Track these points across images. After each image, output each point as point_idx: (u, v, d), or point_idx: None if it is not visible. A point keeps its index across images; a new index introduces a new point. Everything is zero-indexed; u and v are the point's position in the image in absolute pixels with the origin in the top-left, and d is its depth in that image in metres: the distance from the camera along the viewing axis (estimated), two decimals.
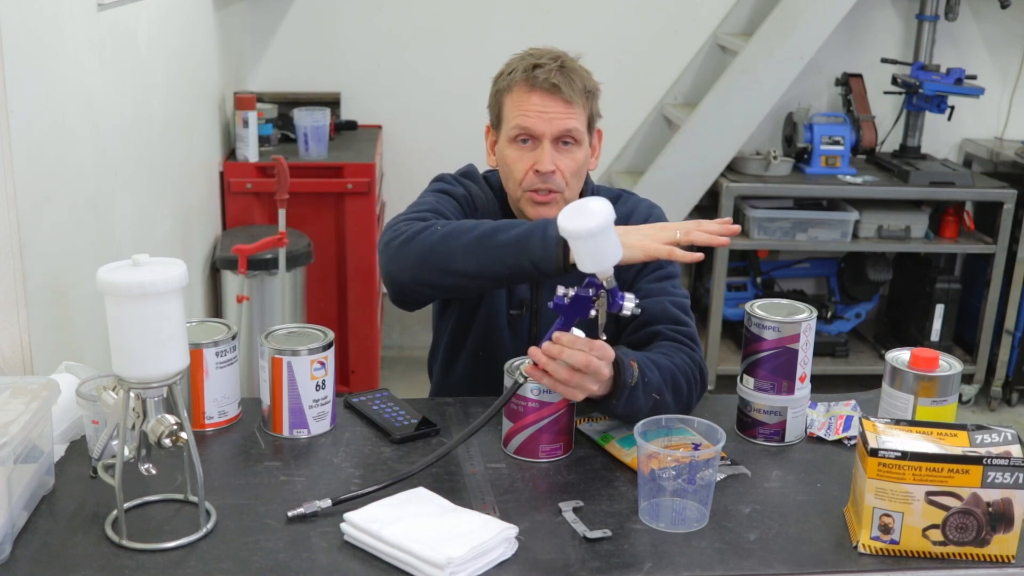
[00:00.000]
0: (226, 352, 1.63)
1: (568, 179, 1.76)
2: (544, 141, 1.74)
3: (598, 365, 1.47)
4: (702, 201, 3.90)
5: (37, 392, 1.38)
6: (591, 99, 1.79)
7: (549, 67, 1.73)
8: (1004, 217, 3.84)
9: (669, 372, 1.64)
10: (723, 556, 1.33)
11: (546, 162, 1.73)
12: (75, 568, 1.27)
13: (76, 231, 1.95)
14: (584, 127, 1.77)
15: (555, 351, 1.46)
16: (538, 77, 1.73)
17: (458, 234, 1.60)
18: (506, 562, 1.30)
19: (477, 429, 1.51)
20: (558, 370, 1.47)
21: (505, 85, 1.77)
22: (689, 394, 1.68)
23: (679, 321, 1.75)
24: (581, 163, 1.78)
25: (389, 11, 4.06)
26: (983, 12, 4.17)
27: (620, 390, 1.53)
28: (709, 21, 4.15)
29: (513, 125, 1.75)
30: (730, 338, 4.11)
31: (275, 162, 2.91)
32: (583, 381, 1.48)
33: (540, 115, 1.73)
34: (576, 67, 1.77)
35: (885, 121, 4.19)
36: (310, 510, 1.38)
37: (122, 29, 2.29)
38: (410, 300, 1.72)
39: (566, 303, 1.49)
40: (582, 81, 1.76)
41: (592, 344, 1.48)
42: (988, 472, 1.29)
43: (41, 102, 1.77)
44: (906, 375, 1.56)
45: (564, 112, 1.73)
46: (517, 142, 1.76)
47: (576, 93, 1.74)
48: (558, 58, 1.76)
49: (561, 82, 1.72)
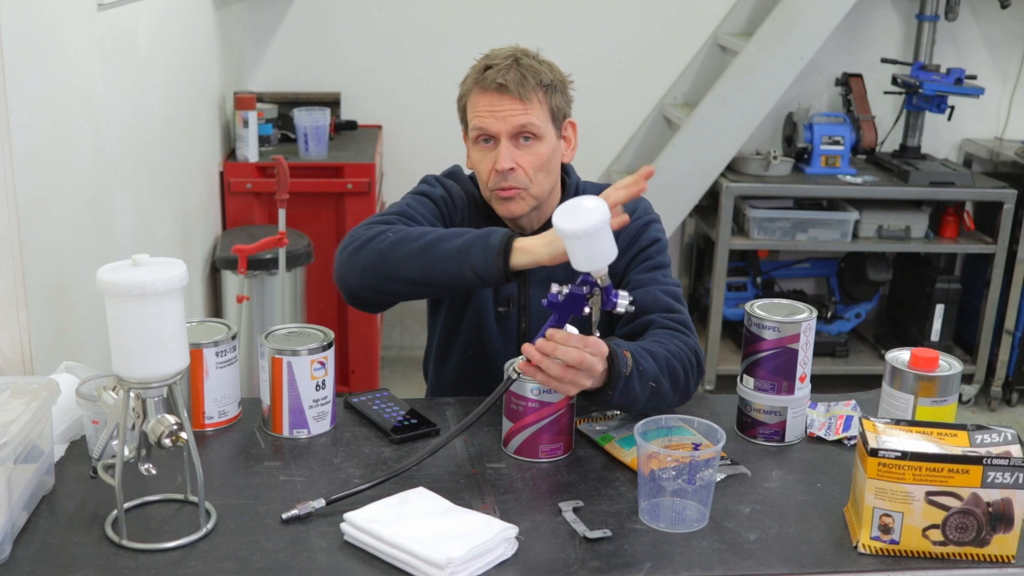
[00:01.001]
0: (226, 352, 1.63)
1: (531, 174, 1.76)
2: (501, 139, 1.75)
3: (592, 361, 1.48)
4: (702, 201, 3.89)
5: (37, 392, 1.38)
6: (552, 92, 1.78)
7: (499, 66, 1.74)
8: (1004, 217, 3.84)
9: (664, 360, 1.64)
10: (723, 556, 1.33)
11: (502, 160, 1.74)
12: (75, 568, 1.27)
13: (76, 231, 1.95)
14: (544, 120, 1.77)
15: (549, 348, 1.47)
16: (487, 78, 1.74)
17: (406, 242, 1.64)
18: (506, 562, 1.30)
19: (469, 424, 1.51)
20: (552, 367, 1.47)
21: (465, 90, 1.80)
22: (686, 380, 1.68)
23: (671, 309, 1.76)
24: (545, 157, 1.77)
25: (389, 11, 4.06)
26: (983, 12, 4.17)
27: (615, 381, 1.54)
28: (709, 21, 4.15)
29: (472, 127, 1.78)
30: (730, 338, 4.11)
31: (275, 162, 2.91)
32: (577, 377, 1.48)
33: (493, 114, 1.74)
34: (531, 63, 1.76)
35: (885, 121, 4.19)
36: (304, 511, 1.38)
37: (122, 29, 2.29)
38: (362, 304, 1.75)
39: (560, 300, 1.49)
40: (537, 76, 1.75)
41: (586, 341, 1.48)
42: (988, 472, 1.29)
43: (41, 102, 1.77)
44: (906, 375, 1.56)
45: (517, 109, 1.74)
46: (479, 143, 1.78)
47: (529, 89, 1.74)
48: (511, 56, 1.76)
49: (510, 80, 1.73)
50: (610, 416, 1.69)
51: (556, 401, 1.54)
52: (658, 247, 1.84)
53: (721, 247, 3.82)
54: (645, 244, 1.83)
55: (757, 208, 3.87)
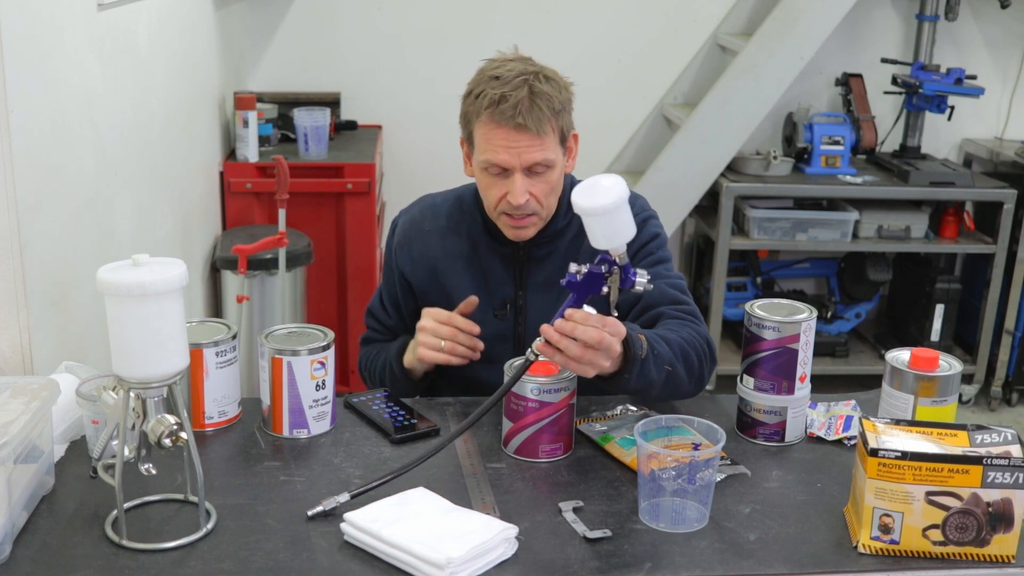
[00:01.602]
0: (226, 352, 1.63)
1: (542, 200, 1.76)
2: (515, 173, 1.73)
3: (610, 341, 1.48)
4: (702, 201, 3.90)
5: (37, 392, 1.38)
6: (562, 116, 1.75)
7: (515, 98, 1.68)
8: (1004, 217, 3.84)
9: (679, 345, 1.65)
10: (723, 556, 1.33)
11: (518, 195, 1.73)
12: (75, 568, 1.27)
13: (76, 231, 1.95)
14: (556, 149, 1.75)
15: (568, 328, 1.47)
16: (504, 113, 1.69)
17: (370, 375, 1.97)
18: (506, 562, 1.30)
19: (484, 413, 1.51)
20: (570, 347, 1.47)
21: (474, 110, 1.74)
22: (700, 367, 1.69)
23: (679, 301, 1.77)
24: (556, 182, 1.77)
25: (389, 11, 4.06)
26: (983, 12, 4.17)
27: (631, 364, 1.54)
28: (709, 21, 4.15)
29: (483, 159, 1.74)
30: (730, 338, 4.11)
31: (275, 162, 2.91)
32: (595, 358, 1.49)
33: (508, 150, 1.71)
34: (543, 89, 1.71)
35: (885, 121, 4.19)
36: (329, 506, 1.38)
37: (122, 29, 2.29)
38: None
39: (579, 280, 1.49)
40: (549, 104, 1.71)
41: (604, 320, 1.49)
42: (988, 472, 1.29)
43: (41, 102, 1.77)
44: (906, 375, 1.56)
45: (534, 145, 1.71)
46: (488, 171, 1.76)
47: (544, 122, 1.70)
48: (523, 80, 1.70)
49: (528, 118, 1.68)
50: (610, 416, 1.69)
51: (556, 401, 1.54)
52: (658, 242, 1.85)
53: (721, 247, 3.82)
54: (645, 240, 1.83)
55: (757, 208, 3.87)
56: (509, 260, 1.86)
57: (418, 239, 1.90)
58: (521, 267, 1.86)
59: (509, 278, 1.86)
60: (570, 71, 1.83)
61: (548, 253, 1.85)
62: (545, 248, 1.85)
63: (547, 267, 1.84)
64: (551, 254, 1.85)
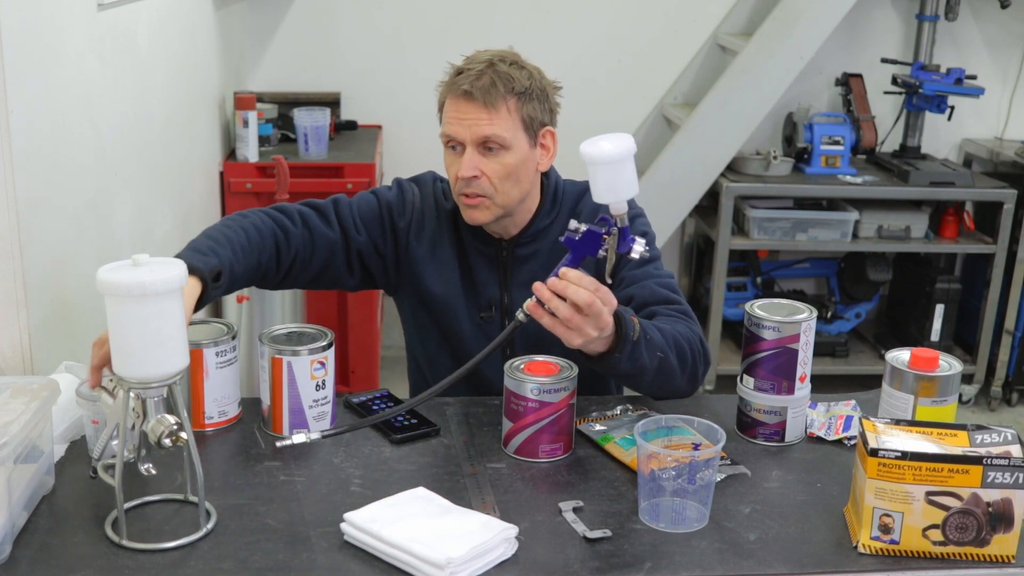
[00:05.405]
0: (226, 352, 1.63)
1: (496, 183, 1.74)
2: (467, 147, 1.73)
3: (600, 307, 1.47)
4: (702, 201, 3.89)
5: (37, 392, 1.38)
6: (526, 100, 1.74)
7: (471, 72, 1.71)
8: (1004, 217, 3.84)
9: (671, 336, 1.65)
10: (723, 556, 1.33)
11: (464, 168, 1.73)
12: (75, 568, 1.27)
13: (76, 231, 1.95)
14: (512, 130, 1.73)
15: (560, 287, 1.47)
16: (457, 84, 1.72)
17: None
18: (506, 562, 1.30)
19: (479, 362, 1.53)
20: (560, 307, 1.47)
21: (442, 92, 1.78)
22: (694, 363, 1.68)
23: (670, 300, 1.77)
24: (512, 167, 1.74)
25: (389, 11, 4.06)
26: (983, 12, 4.17)
27: (622, 343, 1.54)
28: (709, 21, 4.15)
29: (441, 132, 1.77)
30: (730, 338, 4.11)
31: (275, 162, 2.91)
32: (583, 324, 1.48)
33: (459, 121, 1.73)
34: (507, 70, 1.72)
35: (885, 121, 4.19)
36: (298, 440, 1.45)
37: (122, 29, 2.28)
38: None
39: (577, 239, 1.50)
40: (509, 83, 1.71)
41: (598, 285, 1.48)
42: (988, 472, 1.29)
43: (41, 102, 1.77)
44: (906, 375, 1.56)
45: (483, 118, 1.71)
46: (449, 148, 1.77)
47: (496, 97, 1.70)
48: (488, 61, 1.73)
49: (477, 88, 1.70)
50: (610, 416, 1.69)
51: (556, 401, 1.54)
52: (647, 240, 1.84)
53: (721, 247, 3.82)
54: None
55: (757, 208, 3.87)
56: (493, 260, 1.85)
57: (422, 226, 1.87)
58: (505, 267, 1.85)
59: (493, 279, 1.85)
60: (570, 71, 1.84)
61: (532, 253, 1.84)
62: (529, 247, 1.84)
63: (532, 266, 1.82)
64: (535, 254, 1.84)
